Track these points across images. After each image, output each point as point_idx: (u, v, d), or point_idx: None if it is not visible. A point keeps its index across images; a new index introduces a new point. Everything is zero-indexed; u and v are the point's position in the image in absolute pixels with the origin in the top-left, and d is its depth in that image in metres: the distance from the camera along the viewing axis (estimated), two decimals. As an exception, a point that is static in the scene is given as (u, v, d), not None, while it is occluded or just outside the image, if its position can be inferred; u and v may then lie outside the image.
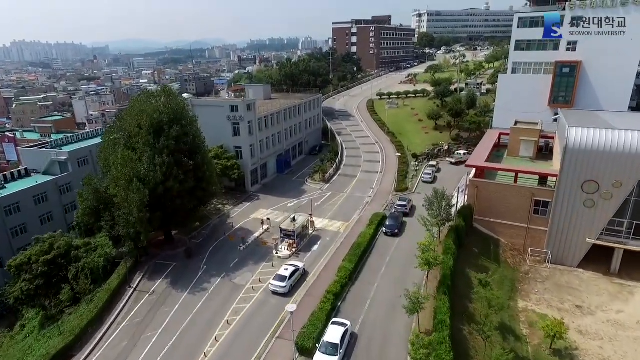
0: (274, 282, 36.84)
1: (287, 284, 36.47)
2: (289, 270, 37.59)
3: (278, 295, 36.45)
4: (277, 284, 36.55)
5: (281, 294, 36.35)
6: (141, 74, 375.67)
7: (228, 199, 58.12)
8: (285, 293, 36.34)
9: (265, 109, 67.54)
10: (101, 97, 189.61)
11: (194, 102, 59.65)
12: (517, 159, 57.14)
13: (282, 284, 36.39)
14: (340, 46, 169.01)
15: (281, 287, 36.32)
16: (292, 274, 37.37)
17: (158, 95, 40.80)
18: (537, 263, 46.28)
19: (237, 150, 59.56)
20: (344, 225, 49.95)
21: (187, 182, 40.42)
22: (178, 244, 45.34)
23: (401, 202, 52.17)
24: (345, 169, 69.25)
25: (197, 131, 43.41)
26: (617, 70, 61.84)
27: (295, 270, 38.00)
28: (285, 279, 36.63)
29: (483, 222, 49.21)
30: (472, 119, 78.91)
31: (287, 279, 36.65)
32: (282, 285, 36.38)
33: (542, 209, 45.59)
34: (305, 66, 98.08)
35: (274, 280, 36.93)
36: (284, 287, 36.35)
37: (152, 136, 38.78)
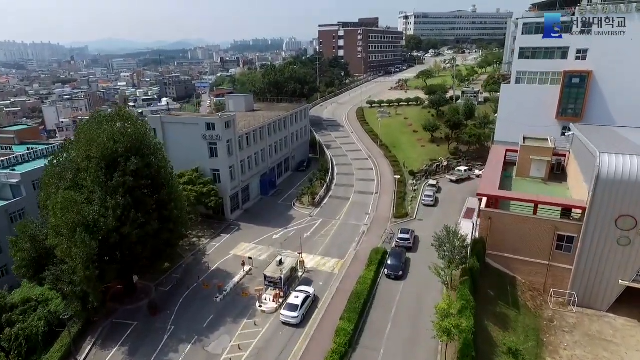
0: (284, 312, 34.18)
1: (299, 314, 34.00)
2: (300, 297, 34.96)
3: (290, 327, 33.68)
4: (289, 314, 33.96)
5: (293, 325, 33.69)
6: (120, 76, 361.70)
7: (204, 230, 50.76)
8: (298, 324, 33.78)
9: (247, 123, 60.35)
10: (74, 103, 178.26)
11: (164, 119, 52.04)
12: (527, 180, 51.37)
13: (294, 314, 33.85)
14: (327, 49, 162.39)
15: (293, 317, 33.79)
16: (304, 302, 34.75)
17: (112, 120, 33.20)
18: (561, 306, 40.38)
19: (215, 174, 52.23)
20: (338, 264, 43.21)
21: (150, 225, 33.10)
22: (141, 294, 37.86)
23: (403, 234, 45.67)
24: (336, 190, 62.54)
25: (163, 161, 36.02)
26: (632, 81, 56.80)
27: (306, 297, 35.46)
28: (297, 308, 34.06)
29: (497, 258, 43.10)
30: (471, 131, 73.18)
31: (299, 308, 34.10)
32: (294, 315, 33.83)
33: (566, 244, 39.68)
34: (291, 73, 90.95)
35: (284, 310, 34.24)
36: (296, 318, 33.83)
37: (104, 172, 31.31)
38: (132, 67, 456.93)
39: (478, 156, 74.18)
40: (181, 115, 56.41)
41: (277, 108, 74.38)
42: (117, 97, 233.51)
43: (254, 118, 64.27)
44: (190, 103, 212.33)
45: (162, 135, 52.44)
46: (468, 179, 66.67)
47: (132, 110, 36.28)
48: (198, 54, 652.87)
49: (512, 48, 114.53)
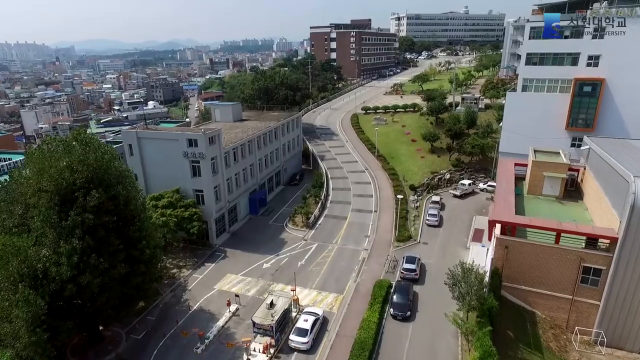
0: (294, 337, 32.35)
1: (309, 339, 32.13)
2: (309, 321, 33.13)
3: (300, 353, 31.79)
4: (299, 339, 32.13)
5: (303, 351, 31.84)
6: (106, 78, 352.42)
7: (186, 259, 45.49)
8: (308, 349, 31.90)
9: (234, 135, 55.20)
10: (54, 107, 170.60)
11: (141, 134, 46.58)
12: (540, 199, 47.13)
13: (303, 340, 32.04)
14: (319, 52, 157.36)
15: (303, 343, 31.96)
16: (314, 325, 32.95)
17: (69, 146, 27.83)
18: (587, 346, 36.00)
19: (198, 195, 46.99)
20: (337, 300, 38.30)
21: (116, 269, 27.84)
22: (109, 345, 32.50)
23: (408, 264, 40.90)
24: (332, 208, 57.63)
25: (133, 191, 30.69)
26: (648, 90, 52.95)
27: (316, 319, 33.73)
28: (307, 333, 32.24)
29: (513, 290, 38.56)
30: (474, 141, 68.86)
31: (309, 333, 32.27)
32: (303, 341, 31.99)
33: (592, 277, 35.31)
34: (282, 79, 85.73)
35: (293, 336, 32.41)
36: (306, 343, 31.99)
37: (58, 209, 25.97)
38: (119, 69, 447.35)
39: (481, 167, 69.99)
40: (160, 129, 50.99)
41: (268, 117, 69.26)
42: (101, 101, 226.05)
43: (242, 129, 59.10)
44: (177, 106, 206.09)
45: (138, 153, 47.12)
46: (472, 193, 62.36)
47: (92, 135, 30.91)
48: (187, 54, 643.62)
49: (511, 52, 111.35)
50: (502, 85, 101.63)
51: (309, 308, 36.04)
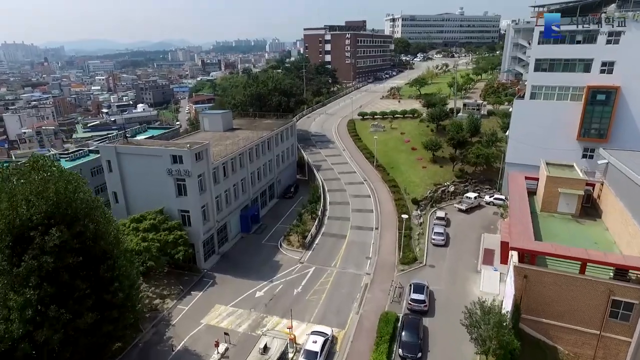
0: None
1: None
2: (319, 342, 31.46)
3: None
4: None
5: None
6: (95, 79, 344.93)
7: (170, 287, 41.22)
8: None
9: (223, 148, 51.01)
10: (39, 110, 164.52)
11: (120, 149, 42.23)
12: (555, 217, 43.67)
13: None
14: (313, 54, 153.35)
15: None
16: (323, 347, 31.33)
17: (25, 175, 23.60)
18: (615, 388, 32.47)
19: (184, 215, 42.78)
20: (338, 336, 34.35)
21: (82, 318, 23.64)
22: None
23: (417, 294, 37.01)
24: (330, 224, 53.68)
25: (104, 223, 26.44)
26: (667, 99, 49.82)
27: (325, 340, 32.03)
28: (317, 356, 30.61)
29: (533, 323, 34.93)
30: (478, 151, 65.35)
31: (319, 355, 30.62)
32: None
33: (623, 312, 31.78)
34: (275, 84, 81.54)
35: (302, 359, 30.74)
36: None
37: (8, 252, 21.73)
38: (110, 70, 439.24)
39: (486, 178, 66.52)
40: (142, 143, 46.63)
41: (260, 125, 65.11)
42: (89, 103, 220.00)
43: (232, 140, 54.91)
44: (168, 109, 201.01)
45: (117, 169, 42.80)
46: (478, 206, 58.81)
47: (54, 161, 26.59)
48: (179, 55, 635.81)
49: (512, 55, 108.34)
50: (504, 89, 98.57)
51: (317, 327, 34.25)
